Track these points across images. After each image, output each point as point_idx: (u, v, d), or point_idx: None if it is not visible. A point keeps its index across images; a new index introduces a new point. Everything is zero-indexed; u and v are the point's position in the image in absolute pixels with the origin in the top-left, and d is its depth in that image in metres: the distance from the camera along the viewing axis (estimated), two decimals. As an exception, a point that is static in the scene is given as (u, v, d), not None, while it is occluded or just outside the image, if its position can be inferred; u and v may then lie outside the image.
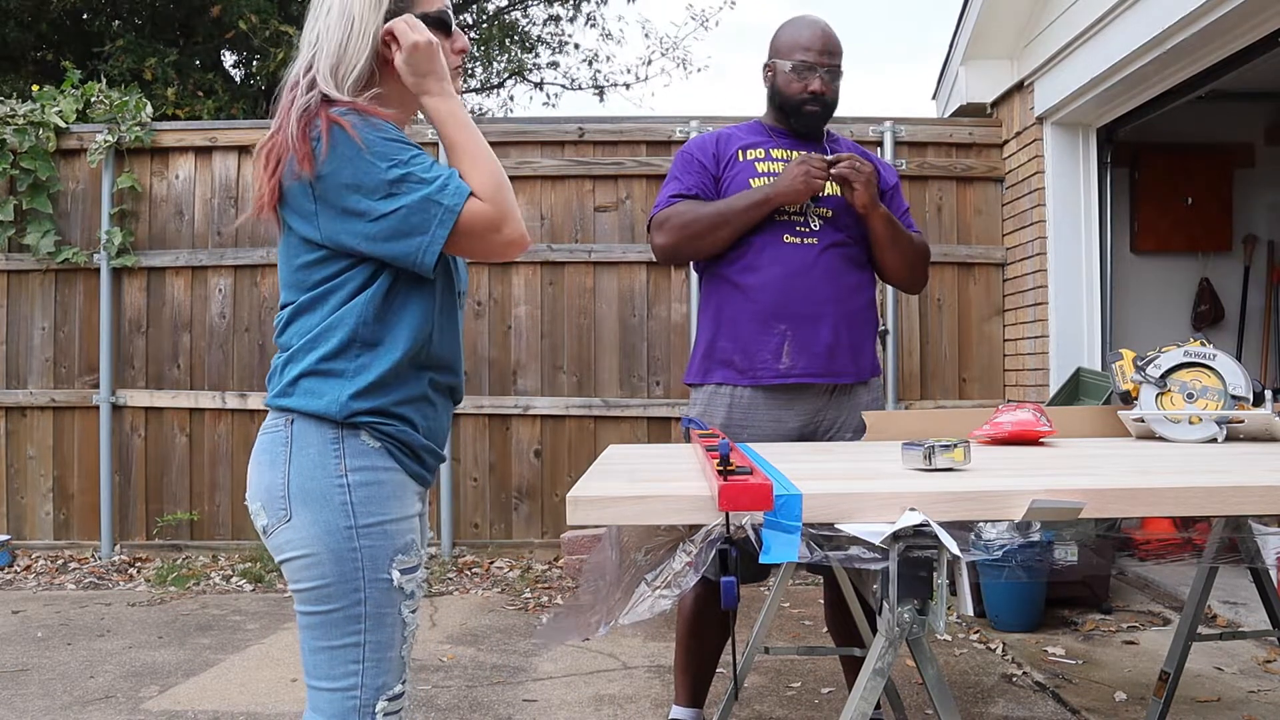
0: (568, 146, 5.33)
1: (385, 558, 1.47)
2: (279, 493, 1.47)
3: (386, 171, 1.43)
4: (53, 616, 4.25)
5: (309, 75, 1.51)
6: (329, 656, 1.47)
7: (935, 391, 5.27)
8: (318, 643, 1.48)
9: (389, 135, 1.46)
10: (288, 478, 1.46)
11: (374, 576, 1.46)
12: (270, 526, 1.48)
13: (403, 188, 1.43)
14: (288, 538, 1.47)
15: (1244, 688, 3.16)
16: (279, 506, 1.47)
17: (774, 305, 2.46)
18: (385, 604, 1.47)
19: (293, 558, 1.47)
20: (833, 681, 3.25)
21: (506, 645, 3.76)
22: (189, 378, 5.35)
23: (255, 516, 1.51)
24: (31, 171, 5.18)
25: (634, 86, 18.52)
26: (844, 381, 2.52)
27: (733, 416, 2.51)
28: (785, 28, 2.58)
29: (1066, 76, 4.59)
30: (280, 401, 1.50)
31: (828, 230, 2.51)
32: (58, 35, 9.20)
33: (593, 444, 5.16)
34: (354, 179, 1.43)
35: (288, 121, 1.47)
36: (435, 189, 1.44)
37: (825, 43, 2.51)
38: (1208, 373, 2.17)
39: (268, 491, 1.48)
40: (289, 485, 1.46)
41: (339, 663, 1.47)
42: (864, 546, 1.32)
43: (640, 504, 1.36)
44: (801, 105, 2.52)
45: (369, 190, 1.43)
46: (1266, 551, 2.99)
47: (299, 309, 1.51)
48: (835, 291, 2.48)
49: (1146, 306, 5.76)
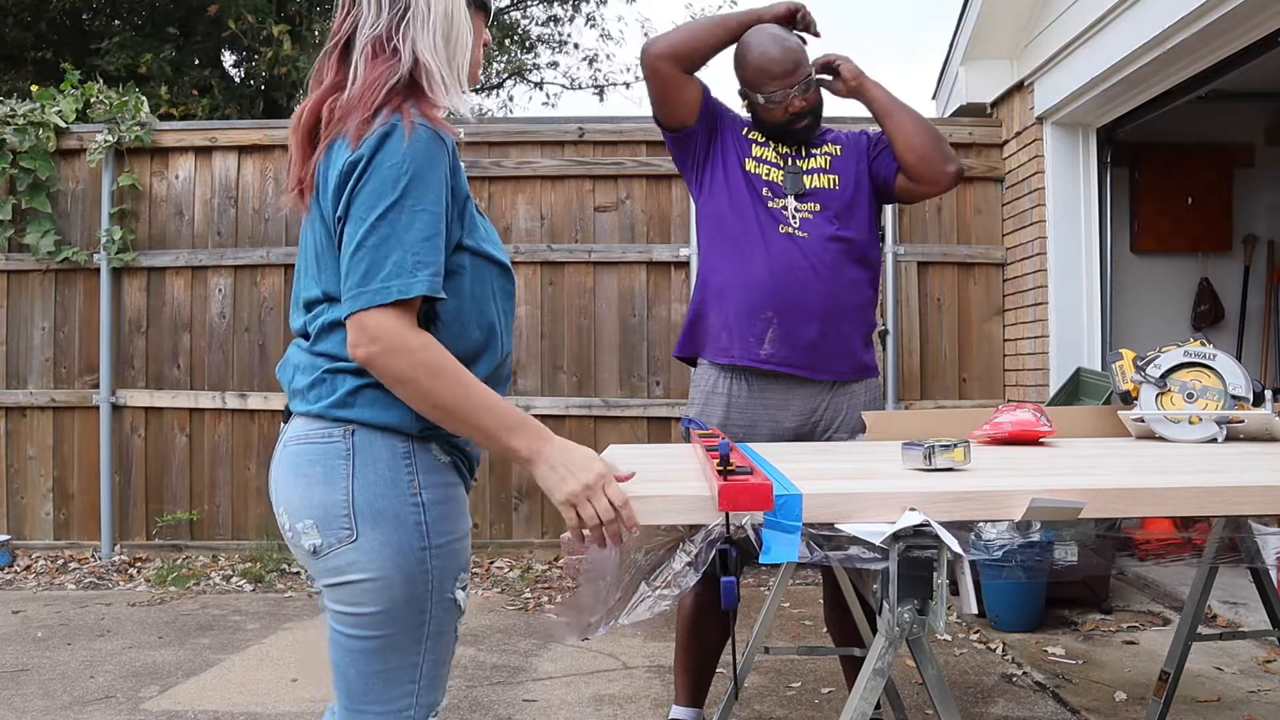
0: (568, 146, 5.33)
1: (451, 577, 1.40)
2: (341, 511, 1.33)
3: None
4: (53, 616, 4.25)
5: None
6: (385, 679, 1.37)
7: (935, 391, 5.27)
8: (373, 667, 1.37)
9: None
10: (351, 494, 1.33)
11: (440, 597, 1.38)
12: (326, 547, 1.35)
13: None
14: (351, 559, 1.33)
15: (1244, 688, 3.16)
16: (341, 526, 1.33)
17: (763, 292, 2.46)
18: (446, 623, 1.41)
19: (357, 580, 1.34)
20: (833, 681, 3.25)
21: (506, 645, 3.76)
22: (189, 378, 5.35)
23: (300, 536, 1.37)
24: (31, 171, 5.18)
25: (634, 86, 18.50)
26: (829, 378, 2.51)
27: (730, 415, 2.51)
28: (742, 54, 2.51)
29: (1066, 76, 4.59)
30: (340, 413, 1.35)
31: (820, 223, 2.50)
32: (57, 35, 9.20)
33: (593, 444, 5.09)
34: None
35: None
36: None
37: (784, 63, 2.46)
38: (1208, 373, 2.17)
39: (324, 509, 1.34)
40: (353, 503, 1.33)
41: (395, 684, 1.38)
42: (864, 546, 1.32)
43: (640, 504, 1.36)
44: (790, 126, 2.53)
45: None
46: (1266, 551, 2.98)
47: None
48: (828, 286, 2.47)
49: (1146, 306, 5.76)
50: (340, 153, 1.34)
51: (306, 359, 1.41)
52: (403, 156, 1.31)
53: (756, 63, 2.48)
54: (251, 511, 5.29)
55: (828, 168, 2.54)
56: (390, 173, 1.30)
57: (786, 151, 2.55)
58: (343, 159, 1.33)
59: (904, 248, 5.24)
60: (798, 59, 2.48)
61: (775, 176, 2.52)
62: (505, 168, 5.28)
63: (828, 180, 2.53)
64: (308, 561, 1.40)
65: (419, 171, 1.32)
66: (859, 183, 2.56)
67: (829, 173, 2.54)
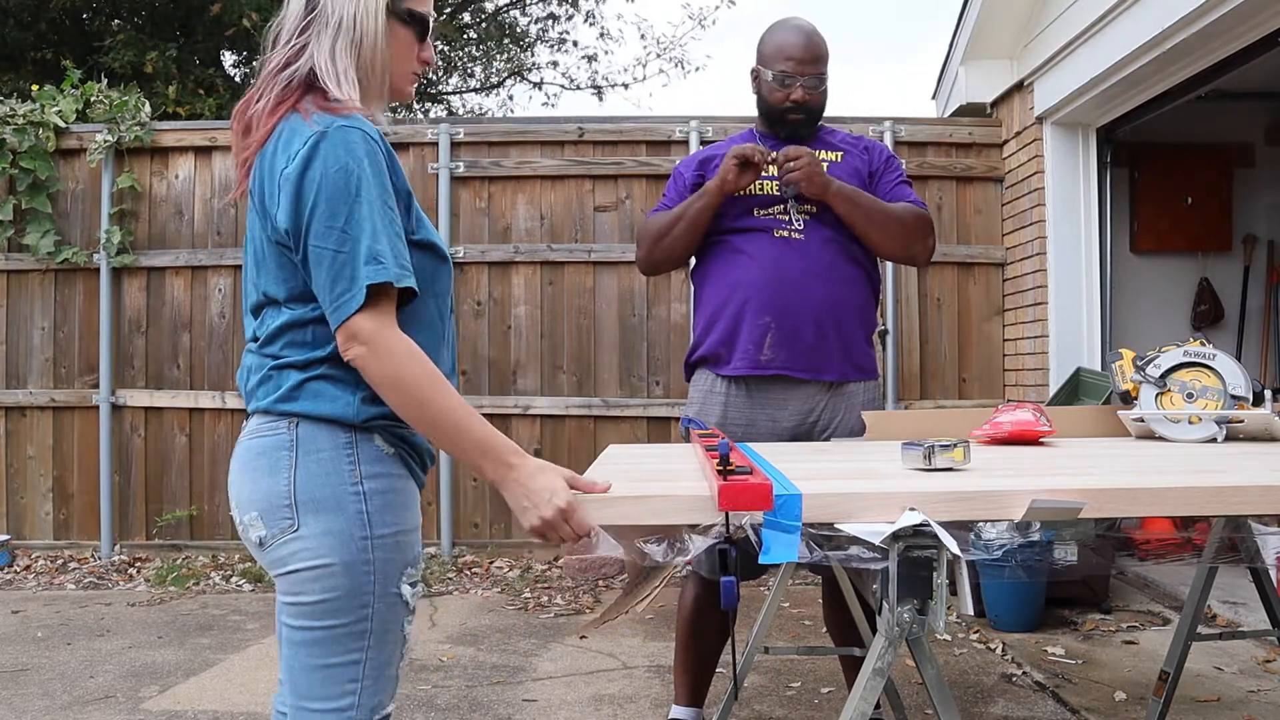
0: (567, 146, 5.33)
1: (396, 571, 1.40)
2: (283, 501, 1.36)
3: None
4: (52, 616, 4.25)
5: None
6: (325, 675, 1.39)
7: (935, 391, 5.27)
8: (315, 660, 1.39)
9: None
10: (293, 484, 1.36)
11: (384, 591, 1.38)
12: (271, 538, 1.37)
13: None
14: (294, 549, 1.36)
15: (1244, 687, 3.16)
16: (283, 515, 1.36)
17: (760, 297, 2.48)
18: (390, 620, 1.40)
19: (299, 569, 1.36)
20: (833, 681, 3.25)
21: (506, 645, 3.76)
22: (189, 378, 5.35)
23: (248, 528, 1.40)
24: (31, 171, 5.18)
25: (633, 86, 18.51)
26: (828, 379, 2.52)
27: (728, 415, 2.54)
28: (770, 33, 2.58)
29: (1066, 76, 4.59)
30: (284, 406, 1.38)
31: (816, 226, 2.52)
32: (57, 35, 9.19)
33: (592, 444, 5.15)
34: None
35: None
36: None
37: (807, 50, 2.51)
38: (1207, 372, 2.17)
39: (267, 500, 1.37)
40: (295, 492, 1.36)
41: (336, 681, 1.39)
42: (864, 546, 1.32)
43: (640, 503, 1.36)
44: (785, 114, 2.55)
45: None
46: (1266, 551, 2.98)
47: (294, 320, 1.39)
48: (825, 287, 2.49)
49: (1146, 306, 5.76)
50: (272, 160, 1.38)
51: (256, 360, 1.43)
52: (342, 162, 1.33)
53: (778, 41, 2.54)
54: (251, 511, 5.29)
55: (825, 171, 2.54)
56: (337, 179, 1.33)
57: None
58: (278, 169, 1.36)
59: (904, 248, 5.23)
60: (817, 55, 2.53)
61: (770, 188, 2.55)
62: (505, 167, 5.28)
63: None
64: (257, 554, 1.42)
65: (363, 172, 1.34)
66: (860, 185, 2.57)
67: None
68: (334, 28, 1.40)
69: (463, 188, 5.32)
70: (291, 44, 1.42)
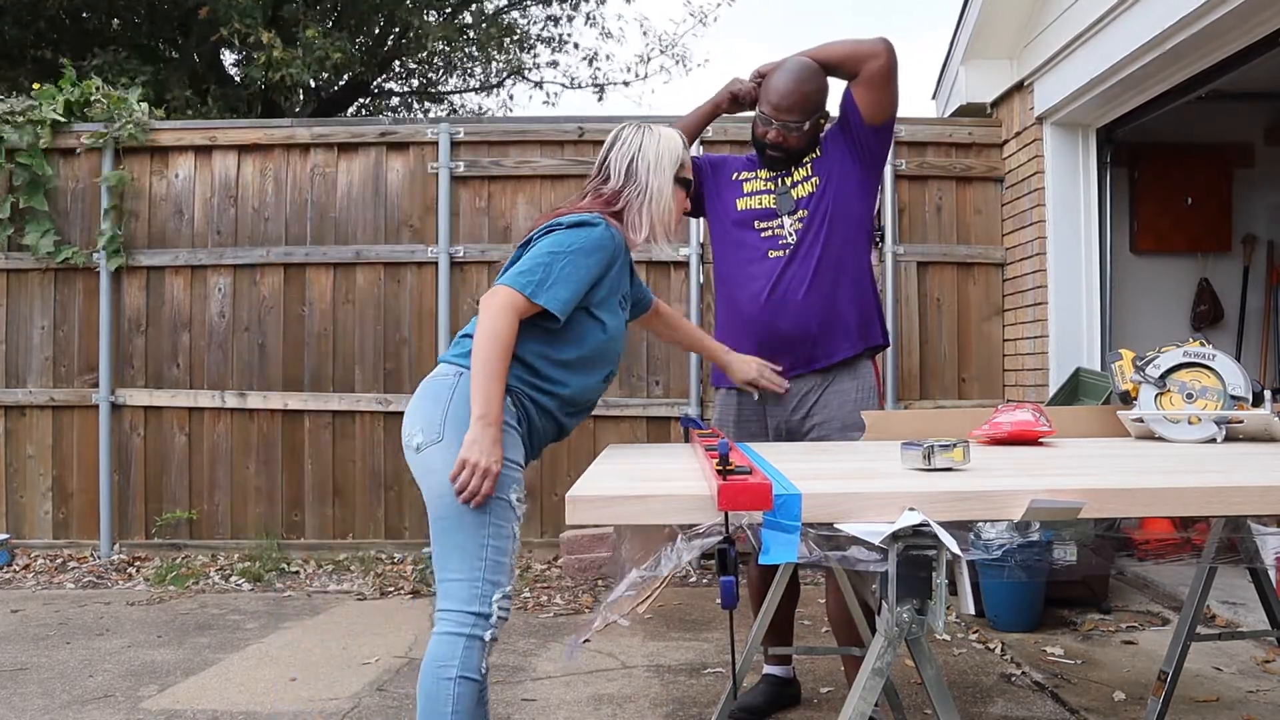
0: (567, 146, 5.33)
1: (508, 484, 1.95)
2: (438, 420, 1.96)
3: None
4: (52, 615, 4.25)
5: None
6: (460, 554, 1.92)
7: (934, 391, 5.27)
8: (450, 540, 1.93)
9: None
10: (446, 411, 1.96)
11: (500, 495, 1.93)
12: (424, 445, 1.96)
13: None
14: (438, 455, 1.93)
15: (1243, 688, 3.16)
16: (435, 430, 1.95)
17: (757, 320, 2.71)
18: (503, 518, 1.94)
19: (440, 471, 1.92)
20: (832, 681, 3.25)
21: (506, 645, 3.75)
22: (188, 377, 5.35)
23: (411, 436, 1.99)
24: (29, 169, 5.17)
25: (633, 85, 18.56)
26: (824, 365, 2.73)
27: (726, 415, 2.83)
28: (773, 70, 2.76)
29: (1066, 76, 4.59)
30: (457, 362, 2.02)
31: (807, 227, 2.72)
32: (56, 33, 9.19)
33: (592, 443, 5.15)
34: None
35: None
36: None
37: (785, 98, 2.69)
38: (1207, 373, 2.17)
39: (427, 419, 1.98)
40: (447, 416, 1.95)
41: (468, 558, 1.92)
42: (864, 546, 1.32)
43: (640, 503, 1.36)
44: (763, 149, 2.78)
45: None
46: (1265, 551, 2.99)
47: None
48: (818, 290, 2.70)
49: (1146, 306, 5.76)
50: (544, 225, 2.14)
51: (469, 328, 2.06)
52: (587, 236, 2.05)
53: (772, 82, 2.73)
54: (250, 510, 5.29)
55: (810, 174, 2.76)
56: (570, 238, 2.04)
57: (775, 174, 2.78)
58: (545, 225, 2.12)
59: (904, 247, 5.24)
60: (794, 104, 2.69)
61: (767, 202, 2.77)
62: (505, 167, 5.28)
63: (811, 185, 2.75)
64: (413, 459, 1.99)
65: (589, 246, 2.04)
66: (841, 161, 2.75)
67: (811, 177, 2.76)
68: (650, 196, 2.18)
69: (463, 187, 5.32)
70: (611, 186, 2.20)
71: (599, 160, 2.24)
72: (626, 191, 2.17)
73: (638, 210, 2.17)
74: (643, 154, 2.18)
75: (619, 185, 2.18)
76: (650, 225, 2.18)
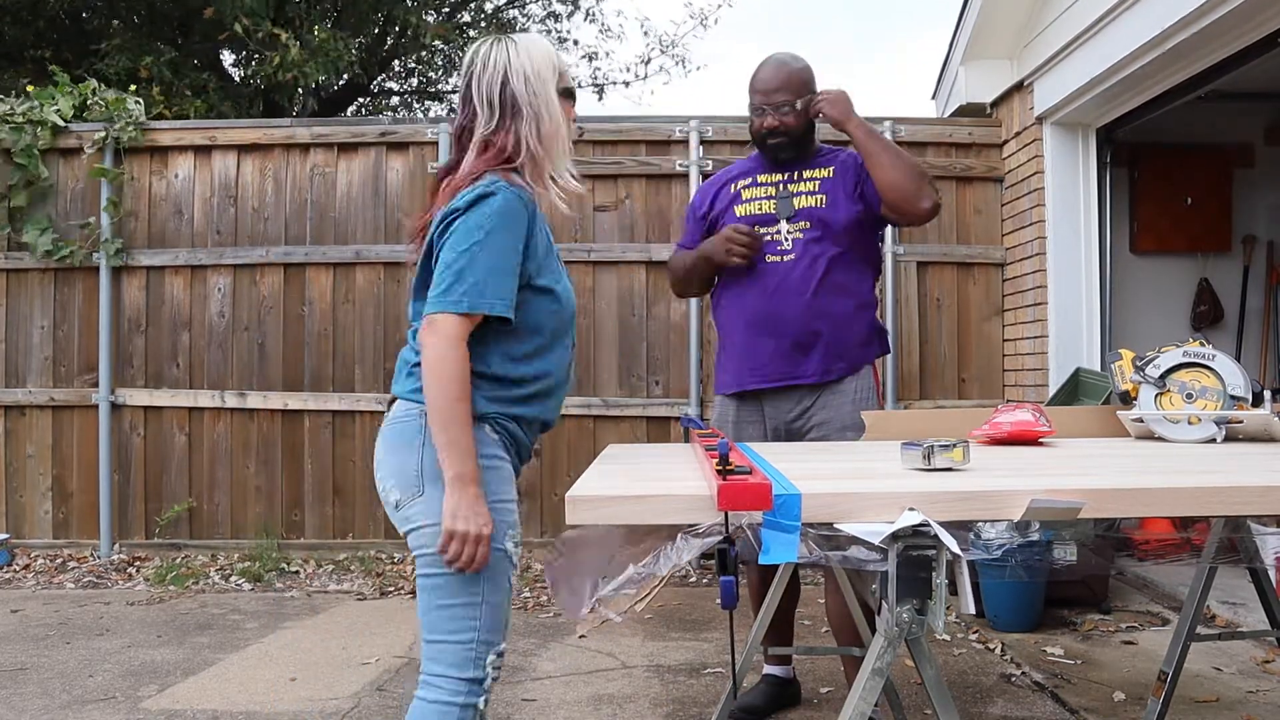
0: (567, 146, 5.32)
1: (502, 530, 1.72)
2: (413, 472, 1.71)
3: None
4: (52, 615, 4.25)
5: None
6: (450, 614, 1.70)
7: (934, 391, 5.27)
8: (440, 601, 1.70)
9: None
10: (421, 462, 1.70)
11: (495, 545, 1.69)
12: (404, 501, 1.72)
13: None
14: (420, 509, 1.69)
15: (1242, 688, 3.16)
16: (412, 485, 1.71)
17: (755, 322, 2.72)
18: (499, 569, 1.72)
19: (423, 526, 1.69)
20: (832, 681, 3.25)
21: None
22: (188, 377, 5.35)
23: (388, 493, 1.75)
24: (28, 169, 5.17)
25: (633, 85, 18.53)
26: (813, 380, 2.72)
27: (725, 419, 2.82)
28: (755, 70, 2.79)
29: (1066, 76, 4.59)
30: (418, 398, 1.72)
31: (808, 241, 2.72)
32: (56, 34, 9.18)
33: (592, 443, 5.15)
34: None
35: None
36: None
37: (769, 81, 2.73)
38: (1207, 373, 2.17)
39: (400, 472, 1.72)
40: (422, 468, 1.70)
41: (459, 619, 1.70)
42: (864, 546, 1.32)
43: (640, 503, 1.36)
44: (764, 141, 2.77)
45: None
46: (1265, 551, 2.98)
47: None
48: (815, 299, 2.69)
49: (1146, 307, 5.76)
50: (441, 213, 1.77)
51: (409, 354, 1.80)
52: (493, 209, 1.71)
53: (752, 77, 2.77)
54: (250, 510, 5.29)
55: (817, 189, 2.75)
56: (480, 220, 1.70)
57: (780, 178, 2.79)
58: (441, 214, 1.76)
59: (903, 248, 5.24)
60: (781, 84, 2.72)
61: (767, 208, 2.77)
62: (505, 167, 5.27)
63: (817, 200, 2.74)
64: (394, 514, 1.75)
65: (502, 222, 1.71)
66: (849, 200, 2.74)
67: (818, 193, 2.75)
68: (534, 122, 1.81)
69: (462, 187, 5.31)
70: (488, 129, 1.80)
71: (461, 94, 1.85)
72: (512, 129, 1.79)
73: (530, 149, 1.81)
74: (514, 73, 1.79)
75: (497, 122, 1.79)
76: (546, 158, 1.84)
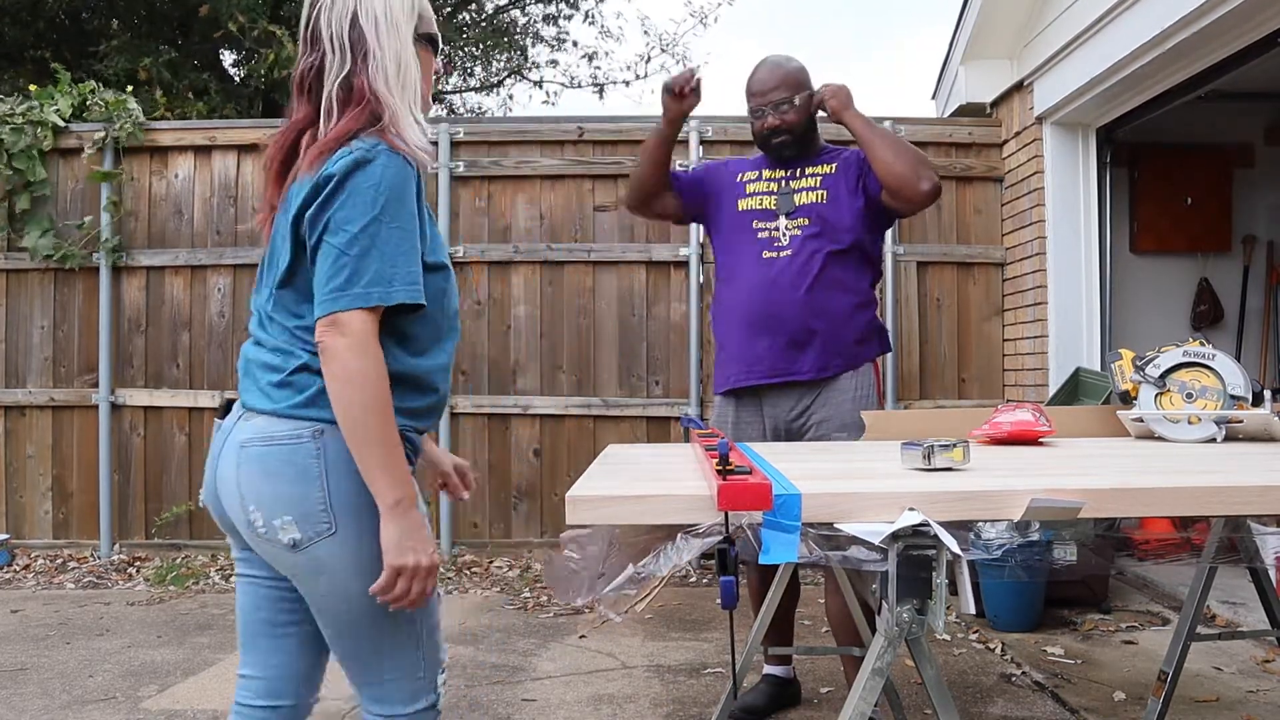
0: (567, 146, 5.33)
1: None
2: (317, 504, 1.43)
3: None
4: (52, 616, 4.25)
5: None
6: (390, 654, 1.52)
7: (934, 391, 5.27)
8: (380, 642, 1.51)
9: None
10: (327, 490, 1.44)
11: None
12: (307, 540, 1.44)
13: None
14: (333, 549, 1.44)
15: (1243, 688, 3.16)
16: (320, 520, 1.44)
17: (752, 318, 2.72)
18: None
19: (340, 569, 1.45)
20: (832, 681, 3.25)
21: (505, 645, 3.75)
22: (188, 377, 5.35)
23: (277, 531, 1.44)
24: (26, 170, 5.17)
25: (633, 84, 18.55)
26: (809, 377, 2.72)
27: (724, 420, 2.82)
28: (750, 73, 2.82)
29: (1066, 76, 4.59)
30: (309, 412, 1.45)
31: (807, 237, 2.72)
32: (55, 34, 9.18)
33: (592, 444, 5.15)
34: None
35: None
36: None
37: (764, 82, 2.76)
38: (1207, 373, 2.17)
39: (302, 504, 1.43)
40: (330, 498, 1.44)
41: (403, 654, 1.52)
42: (864, 546, 1.32)
43: (640, 503, 1.36)
44: (767, 142, 2.79)
45: None
46: (1265, 551, 2.98)
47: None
48: (813, 296, 2.69)
49: (1146, 306, 5.76)
50: (310, 181, 1.46)
51: (270, 358, 1.51)
52: (380, 178, 1.43)
53: (747, 82, 2.79)
54: (251, 511, 5.29)
55: (818, 185, 2.76)
56: (369, 193, 1.42)
57: (782, 175, 2.79)
58: (310, 182, 1.45)
59: (903, 247, 5.24)
60: (777, 83, 2.74)
61: (768, 204, 2.78)
62: (505, 167, 5.28)
63: (818, 196, 2.75)
64: (285, 556, 1.47)
65: (394, 193, 1.44)
66: (851, 195, 2.75)
67: (819, 189, 2.76)
68: (385, 66, 1.50)
69: (463, 187, 5.32)
70: (338, 74, 1.50)
71: (308, 30, 1.53)
72: (369, 76, 1.48)
73: (383, 99, 1.48)
74: (363, 11, 1.50)
75: (349, 67, 1.48)
76: (397, 113, 1.48)
